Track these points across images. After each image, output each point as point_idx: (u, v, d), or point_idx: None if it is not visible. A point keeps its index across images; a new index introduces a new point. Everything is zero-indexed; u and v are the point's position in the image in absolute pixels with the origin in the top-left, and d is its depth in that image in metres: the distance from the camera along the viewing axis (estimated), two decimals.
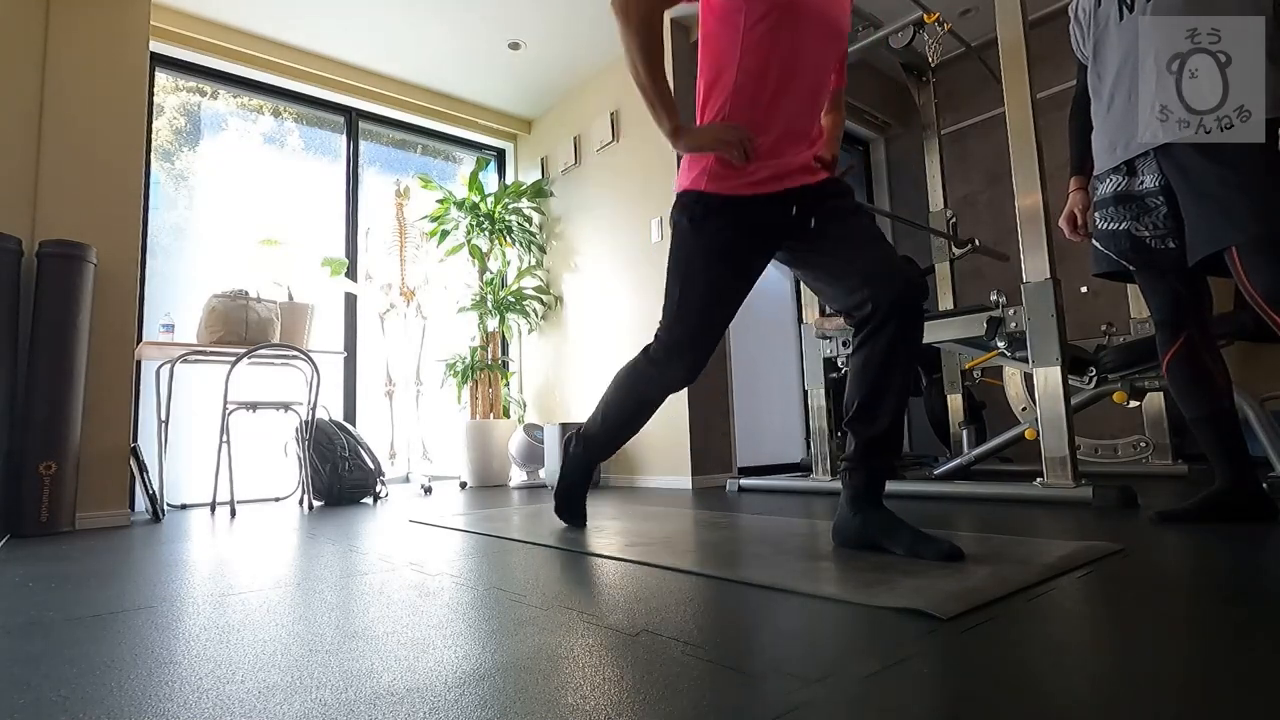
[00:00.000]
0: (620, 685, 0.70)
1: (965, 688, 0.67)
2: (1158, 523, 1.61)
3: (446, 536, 1.88)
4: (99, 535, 2.20)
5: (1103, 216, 1.73)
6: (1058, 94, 3.73)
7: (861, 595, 1.01)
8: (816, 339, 2.88)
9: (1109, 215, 1.71)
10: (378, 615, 1.04)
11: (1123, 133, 1.65)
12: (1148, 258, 1.66)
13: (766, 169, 1.48)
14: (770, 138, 1.47)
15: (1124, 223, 1.68)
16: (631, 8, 1.40)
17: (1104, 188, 1.72)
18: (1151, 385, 2.72)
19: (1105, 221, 1.72)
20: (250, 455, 3.27)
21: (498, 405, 4.12)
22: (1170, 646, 0.77)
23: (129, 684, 0.77)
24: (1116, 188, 1.68)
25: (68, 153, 2.54)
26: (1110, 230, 1.71)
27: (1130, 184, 1.66)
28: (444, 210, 4.15)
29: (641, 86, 1.45)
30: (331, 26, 3.59)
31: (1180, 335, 1.65)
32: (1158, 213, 1.62)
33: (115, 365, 2.55)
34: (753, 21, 1.41)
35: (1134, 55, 1.63)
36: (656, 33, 1.43)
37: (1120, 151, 1.65)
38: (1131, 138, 1.63)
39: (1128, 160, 1.65)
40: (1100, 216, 1.74)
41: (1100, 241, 1.75)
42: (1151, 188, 1.61)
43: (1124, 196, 1.67)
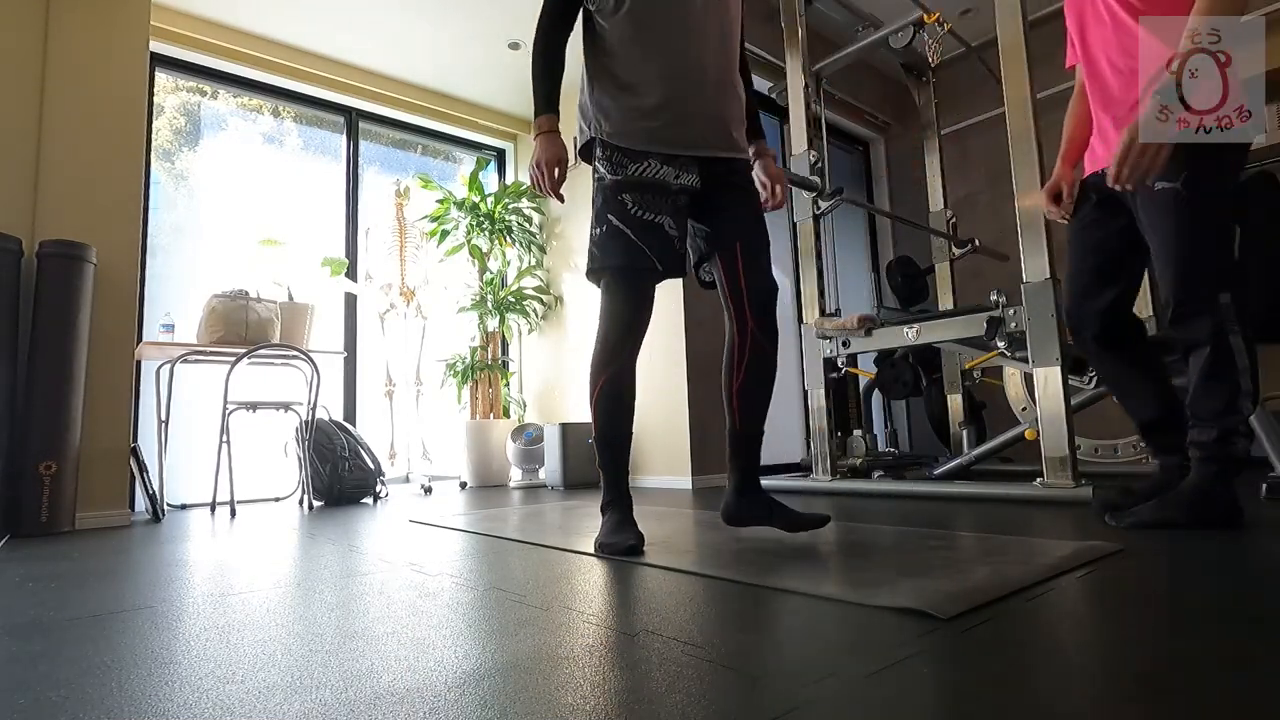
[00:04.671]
0: (620, 685, 0.70)
1: (965, 688, 0.67)
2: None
3: (446, 536, 1.88)
4: (99, 535, 2.20)
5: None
6: (1058, 94, 3.72)
7: (861, 595, 1.01)
8: (816, 339, 2.88)
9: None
10: (378, 615, 1.04)
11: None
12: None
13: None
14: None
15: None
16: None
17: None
18: None
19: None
20: (250, 455, 3.27)
21: (498, 405, 4.12)
22: (1170, 646, 0.77)
23: (129, 684, 0.77)
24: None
25: (68, 153, 2.54)
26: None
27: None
28: (444, 210, 4.15)
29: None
30: (331, 26, 3.59)
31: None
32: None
33: (115, 365, 2.55)
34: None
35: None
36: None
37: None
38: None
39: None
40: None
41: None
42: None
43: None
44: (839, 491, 2.70)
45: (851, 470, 3.06)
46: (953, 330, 2.46)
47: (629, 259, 1.53)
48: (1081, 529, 1.58)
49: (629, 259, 1.53)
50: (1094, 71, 1.69)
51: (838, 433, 2.96)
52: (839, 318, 2.86)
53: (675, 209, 1.57)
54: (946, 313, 2.57)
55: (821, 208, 2.87)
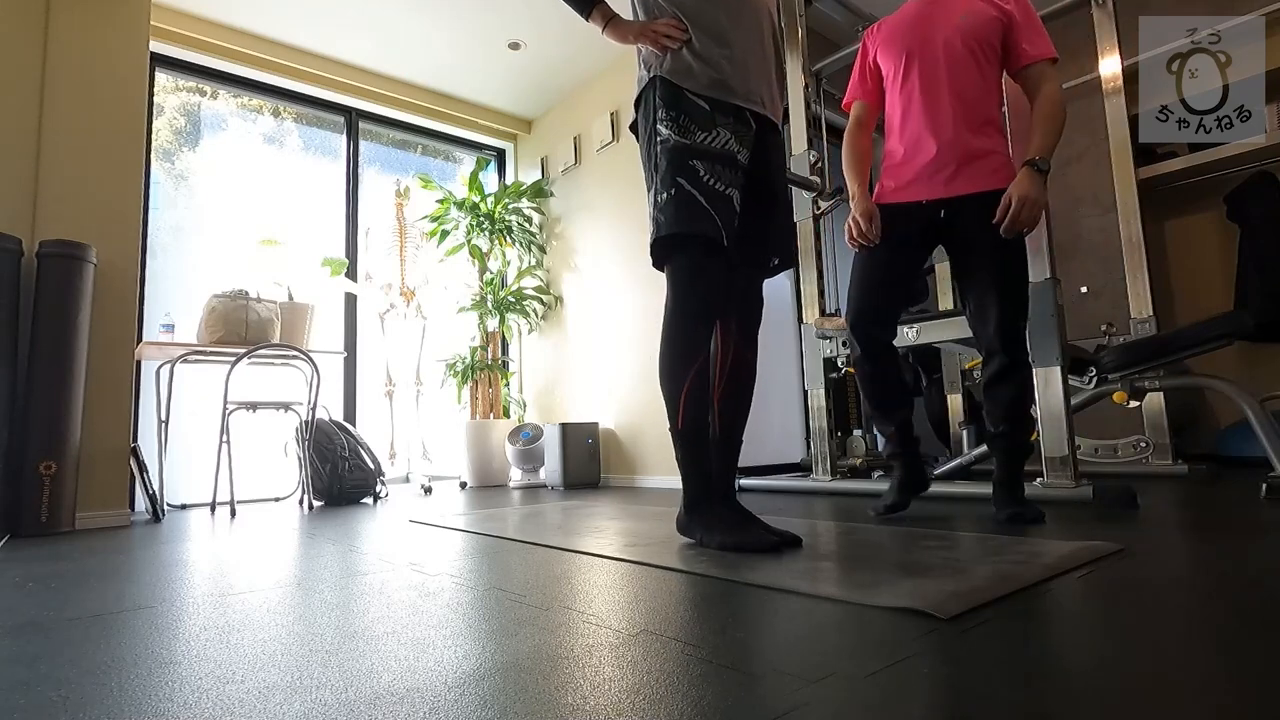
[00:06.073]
0: (620, 685, 0.70)
1: (965, 688, 0.67)
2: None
3: (446, 536, 1.88)
4: (99, 535, 2.20)
5: None
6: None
7: (861, 595, 1.01)
8: (816, 339, 2.88)
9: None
10: (378, 615, 1.04)
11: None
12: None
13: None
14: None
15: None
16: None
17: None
18: (1151, 385, 2.72)
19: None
20: (250, 455, 3.27)
21: (498, 405, 4.12)
22: (1170, 646, 0.77)
23: (129, 684, 0.77)
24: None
25: (68, 153, 2.54)
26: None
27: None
28: (444, 210, 4.15)
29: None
30: (331, 26, 3.59)
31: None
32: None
33: (115, 365, 2.55)
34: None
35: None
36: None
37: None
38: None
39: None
40: None
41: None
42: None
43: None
44: (839, 491, 2.70)
45: (851, 470, 3.06)
46: (953, 330, 2.46)
47: (702, 226, 1.44)
48: (1081, 529, 1.58)
49: (702, 226, 1.44)
50: (930, 103, 1.81)
51: (838, 433, 2.96)
52: (839, 318, 2.86)
53: (740, 185, 1.52)
54: (947, 313, 2.56)
55: (822, 207, 2.87)
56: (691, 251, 1.48)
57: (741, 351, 1.62)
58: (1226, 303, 2.36)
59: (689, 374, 1.49)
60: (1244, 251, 2.24)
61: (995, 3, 1.81)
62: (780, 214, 1.66)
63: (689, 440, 1.51)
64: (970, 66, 1.78)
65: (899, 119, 1.88)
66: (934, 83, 1.80)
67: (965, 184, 1.76)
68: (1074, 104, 3.73)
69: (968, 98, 1.78)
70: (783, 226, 1.67)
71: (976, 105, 1.78)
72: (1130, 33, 3.22)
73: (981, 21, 1.78)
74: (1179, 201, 3.41)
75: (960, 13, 1.80)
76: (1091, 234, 3.61)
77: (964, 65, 1.78)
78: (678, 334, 1.50)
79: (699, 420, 1.51)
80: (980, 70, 1.79)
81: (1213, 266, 3.32)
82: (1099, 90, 3.23)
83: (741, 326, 1.62)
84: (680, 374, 1.49)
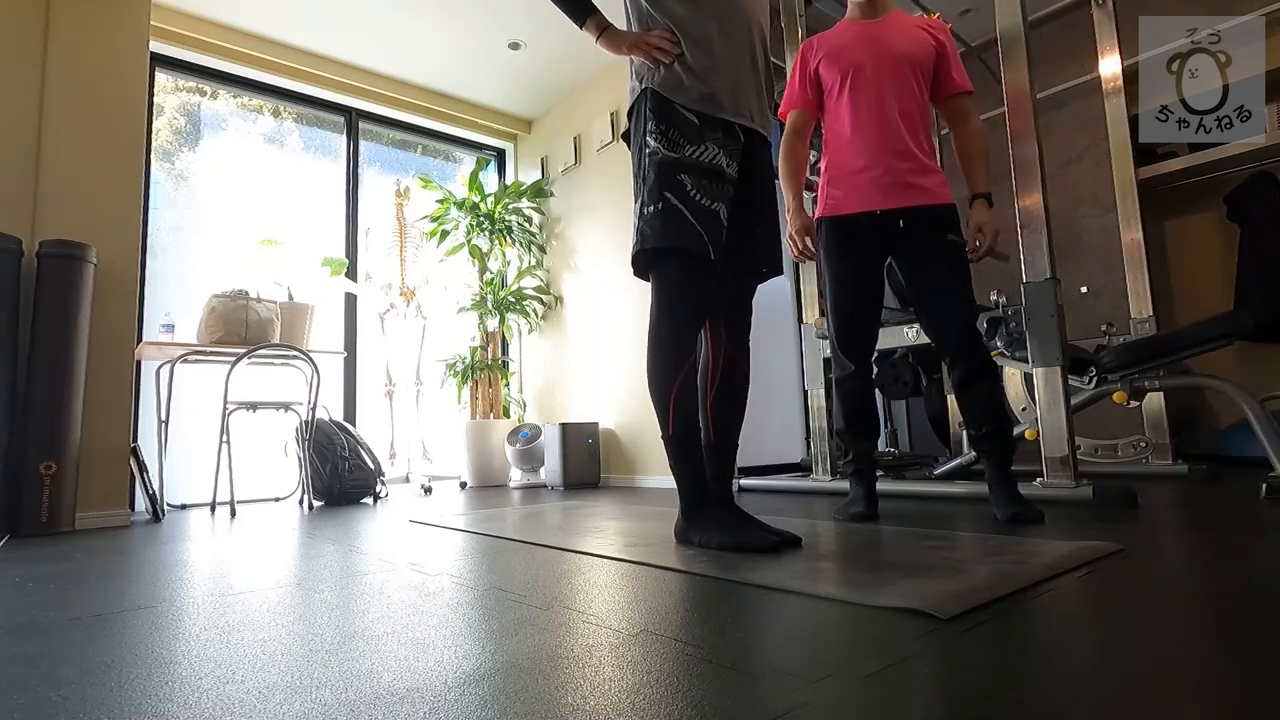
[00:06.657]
0: (620, 685, 0.70)
1: (965, 688, 0.67)
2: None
3: (446, 536, 1.88)
4: (99, 535, 2.20)
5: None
6: (1058, 94, 3.73)
7: (861, 595, 1.01)
8: (816, 339, 2.88)
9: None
10: (378, 615, 1.04)
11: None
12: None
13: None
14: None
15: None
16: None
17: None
18: (1151, 385, 2.72)
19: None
20: (250, 455, 3.27)
21: (498, 405, 4.12)
22: (1170, 646, 0.77)
23: (129, 684, 0.77)
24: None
25: (68, 153, 2.54)
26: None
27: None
28: (444, 210, 4.15)
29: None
30: (331, 26, 3.59)
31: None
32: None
33: (115, 365, 2.55)
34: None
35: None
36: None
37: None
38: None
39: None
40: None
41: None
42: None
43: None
44: (839, 491, 2.70)
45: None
46: None
47: (687, 242, 1.46)
48: (1081, 529, 1.58)
49: (687, 242, 1.46)
50: (879, 117, 1.88)
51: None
52: None
53: (728, 198, 1.52)
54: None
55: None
56: (679, 262, 1.50)
57: (733, 356, 1.62)
58: (1226, 303, 2.36)
59: (677, 377, 1.50)
60: (1244, 251, 2.24)
61: (931, 33, 1.93)
62: (767, 226, 1.66)
63: (680, 445, 1.52)
64: (912, 87, 1.89)
65: (848, 130, 1.92)
66: (881, 98, 1.88)
67: (921, 196, 1.85)
68: (1074, 104, 3.73)
69: (911, 116, 1.88)
70: (769, 238, 1.67)
71: (918, 124, 1.89)
72: (1130, 33, 3.22)
73: (923, 49, 1.90)
74: (1179, 201, 3.41)
75: (905, 37, 1.91)
76: (1091, 234, 3.61)
77: (908, 86, 1.88)
78: (665, 339, 1.52)
79: (689, 424, 1.53)
80: (920, 92, 1.91)
81: (1213, 266, 3.32)
82: (1099, 90, 3.24)
83: (731, 332, 1.63)
84: (668, 378, 1.51)
